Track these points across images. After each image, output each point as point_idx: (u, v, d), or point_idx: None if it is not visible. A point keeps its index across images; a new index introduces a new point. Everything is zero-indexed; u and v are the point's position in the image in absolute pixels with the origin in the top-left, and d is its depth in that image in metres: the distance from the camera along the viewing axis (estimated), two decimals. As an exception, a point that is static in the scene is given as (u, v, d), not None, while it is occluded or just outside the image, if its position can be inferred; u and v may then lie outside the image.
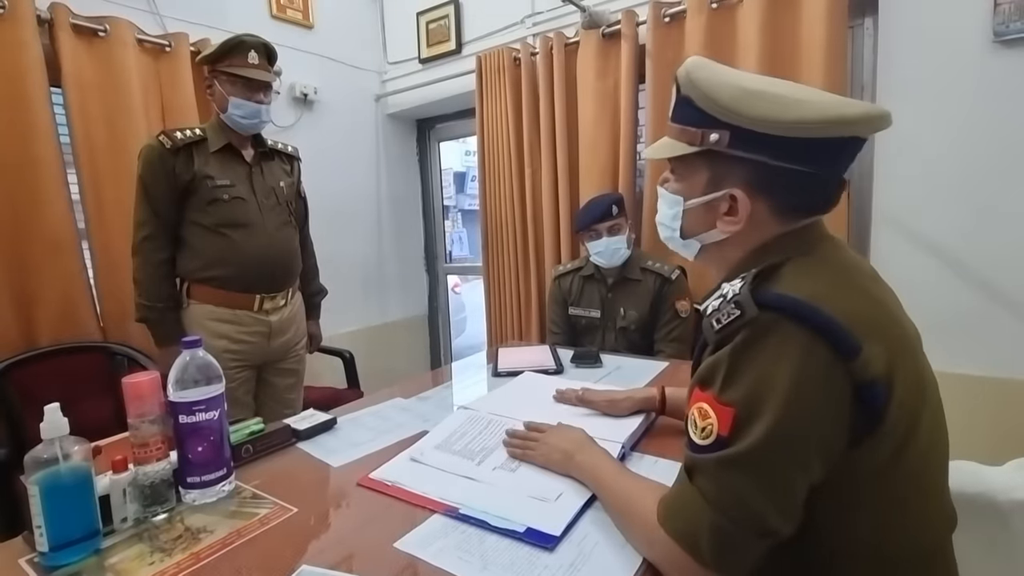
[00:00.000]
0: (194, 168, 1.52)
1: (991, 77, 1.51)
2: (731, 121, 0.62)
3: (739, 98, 0.61)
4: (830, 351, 0.54)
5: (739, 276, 0.63)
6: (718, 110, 0.63)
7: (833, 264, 0.64)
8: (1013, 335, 1.53)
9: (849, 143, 0.61)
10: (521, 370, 1.37)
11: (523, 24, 2.43)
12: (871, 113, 0.60)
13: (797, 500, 0.56)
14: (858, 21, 1.80)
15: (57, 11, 1.77)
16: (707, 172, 0.68)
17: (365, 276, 2.96)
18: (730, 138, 0.63)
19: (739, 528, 0.55)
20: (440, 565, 0.64)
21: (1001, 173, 1.52)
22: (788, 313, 0.55)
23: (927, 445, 0.60)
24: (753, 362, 0.56)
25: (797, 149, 0.60)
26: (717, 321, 0.60)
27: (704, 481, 0.58)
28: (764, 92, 0.61)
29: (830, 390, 0.54)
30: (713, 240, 0.71)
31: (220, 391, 0.80)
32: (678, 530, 0.59)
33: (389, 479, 0.84)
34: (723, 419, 0.57)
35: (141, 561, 0.66)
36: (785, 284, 0.59)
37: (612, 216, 1.75)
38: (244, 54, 1.53)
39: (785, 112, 0.59)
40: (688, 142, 0.67)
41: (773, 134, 0.60)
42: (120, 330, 1.91)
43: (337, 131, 2.76)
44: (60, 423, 0.66)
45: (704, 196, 0.68)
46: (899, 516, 0.59)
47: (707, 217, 0.69)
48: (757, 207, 0.65)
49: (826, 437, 0.55)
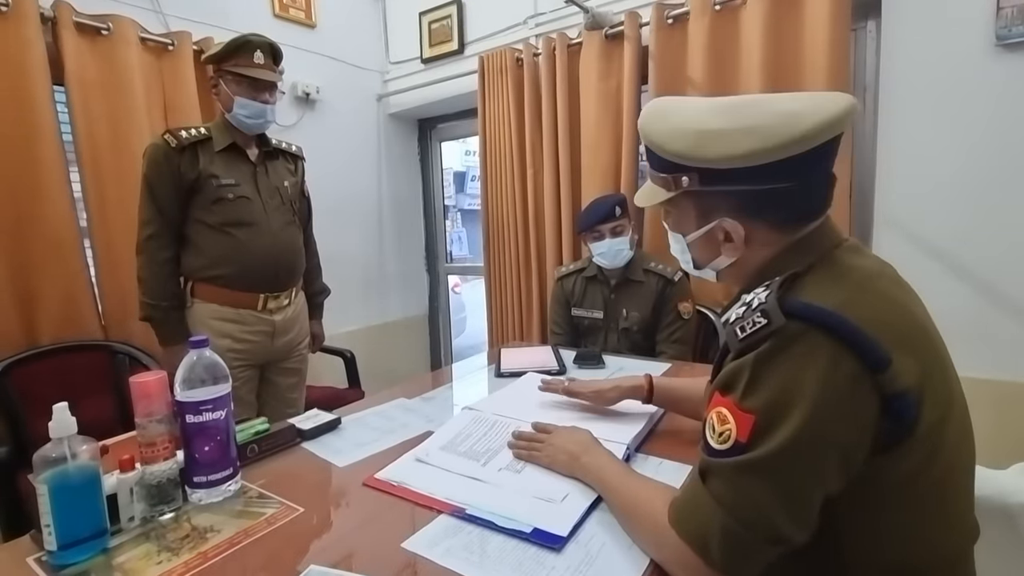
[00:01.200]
0: (199, 167, 1.52)
1: (993, 80, 1.52)
2: (693, 165, 0.64)
3: (692, 145, 0.63)
4: (857, 363, 0.53)
5: (762, 284, 0.62)
6: (676, 158, 0.65)
7: (857, 270, 0.63)
8: (1016, 337, 1.54)
9: (820, 148, 0.60)
10: (524, 371, 1.38)
11: (526, 25, 2.44)
12: (827, 120, 0.58)
13: (812, 509, 0.56)
14: (861, 24, 1.81)
15: (60, 9, 1.77)
16: (694, 209, 0.70)
17: (366, 275, 2.96)
18: (699, 178, 0.65)
19: (751, 533, 0.55)
20: (447, 565, 0.64)
21: (1003, 176, 1.53)
22: (816, 323, 0.55)
23: (954, 454, 0.60)
24: (777, 370, 0.56)
25: (768, 171, 0.60)
26: (741, 329, 0.59)
27: (718, 484, 0.58)
28: (715, 131, 0.62)
29: (856, 402, 0.54)
30: (724, 266, 0.72)
31: (227, 391, 0.80)
32: (689, 532, 0.59)
33: (395, 479, 0.84)
34: (743, 425, 0.56)
35: (148, 560, 0.66)
36: (811, 293, 0.58)
37: (615, 217, 1.75)
38: (250, 54, 1.53)
39: (736, 147, 0.60)
40: (664, 187, 0.70)
41: (738, 167, 0.61)
42: (122, 329, 1.91)
43: (339, 130, 2.76)
44: (68, 422, 0.66)
45: (699, 230, 0.70)
46: (923, 526, 0.59)
47: (710, 247, 0.71)
48: (752, 229, 0.66)
49: (848, 449, 0.55)
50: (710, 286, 2.01)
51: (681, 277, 1.81)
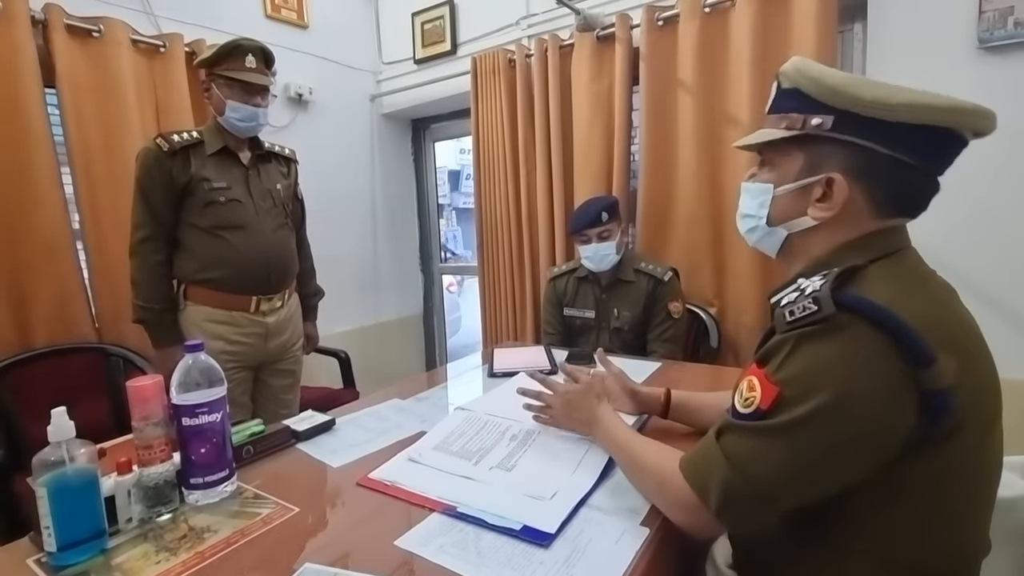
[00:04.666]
0: (191, 171, 1.53)
1: (976, 83, 1.54)
2: (838, 105, 0.63)
3: (849, 83, 0.62)
4: (900, 356, 0.54)
5: (819, 274, 0.62)
6: (827, 94, 0.63)
7: (913, 271, 0.64)
8: (1004, 336, 1.56)
9: (948, 139, 0.62)
10: (516, 371, 1.39)
11: (518, 26, 2.45)
12: (975, 108, 0.60)
13: (817, 484, 0.58)
14: (848, 26, 1.84)
15: (51, 11, 1.77)
16: (803, 158, 0.68)
17: (360, 276, 2.97)
18: (834, 122, 0.64)
19: (748, 489, 0.59)
20: (439, 562, 0.66)
21: (987, 177, 1.55)
22: (865, 315, 0.56)
23: (988, 466, 0.62)
24: (816, 352, 0.57)
25: (900, 136, 0.61)
26: (790, 313, 0.60)
27: (730, 440, 0.62)
28: (874, 82, 0.62)
29: (891, 394, 0.55)
30: (801, 228, 0.70)
31: (222, 394, 0.81)
32: (694, 476, 0.65)
33: (388, 479, 0.86)
34: (767, 395, 0.59)
35: (147, 560, 0.67)
36: (867, 287, 0.59)
37: (601, 223, 1.77)
38: (241, 58, 1.54)
39: (891, 95, 0.60)
40: (787, 127, 0.68)
41: (878, 118, 0.61)
42: (115, 331, 1.91)
43: (332, 131, 2.77)
44: (67, 426, 0.67)
45: (799, 180, 0.68)
46: (942, 530, 0.60)
47: (798, 204, 0.69)
48: (854, 195, 0.65)
49: (873, 437, 0.56)
50: (701, 285, 2.03)
51: (671, 277, 1.83)
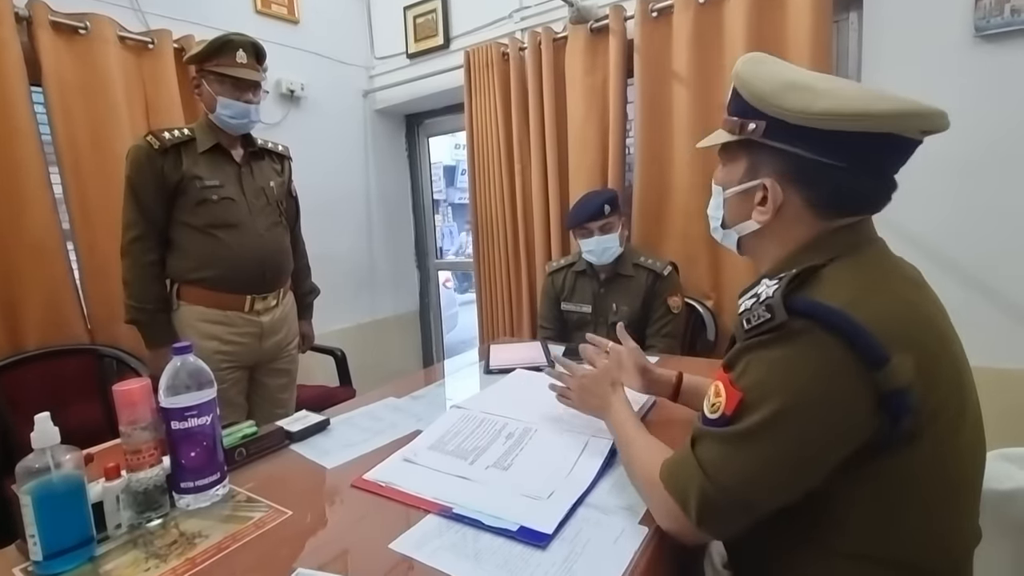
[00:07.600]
0: (183, 169, 1.50)
1: (972, 71, 1.53)
2: (767, 111, 0.64)
3: (774, 91, 0.64)
4: (854, 359, 0.55)
5: (779, 275, 0.63)
6: (755, 100, 0.65)
7: (875, 267, 0.64)
8: (997, 325, 1.56)
9: (887, 142, 0.61)
10: (512, 367, 1.38)
11: (511, 19, 2.42)
12: (903, 110, 0.59)
13: (786, 485, 0.60)
14: (843, 16, 1.82)
15: (36, 8, 1.74)
16: (745, 162, 0.71)
17: (356, 273, 2.95)
18: (766, 128, 0.65)
19: (724, 497, 0.60)
20: (435, 565, 0.65)
21: (983, 166, 1.55)
22: (818, 320, 0.56)
23: (968, 458, 0.62)
24: (770, 360, 0.59)
25: (829, 143, 0.61)
26: (747, 321, 0.61)
27: (703, 450, 0.63)
28: (802, 84, 0.62)
29: (848, 396, 0.56)
30: (749, 231, 0.73)
31: (212, 396, 0.80)
32: (674, 487, 0.66)
33: (383, 480, 0.85)
34: (731, 400, 0.61)
35: (136, 567, 0.66)
36: (822, 290, 0.59)
37: (604, 215, 1.75)
38: (232, 53, 1.51)
39: (814, 102, 0.60)
40: (729, 131, 0.71)
41: (805, 126, 0.61)
42: (108, 332, 1.90)
43: (325, 127, 2.74)
44: (51, 432, 0.65)
45: (740, 185, 0.71)
46: (931, 526, 0.61)
47: (744, 207, 0.72)
48: (789, 199, 0.66)
49: (833, 438, 0.57)
50: (701, 280, 2.02)
51: (671, 271, 1.82)
